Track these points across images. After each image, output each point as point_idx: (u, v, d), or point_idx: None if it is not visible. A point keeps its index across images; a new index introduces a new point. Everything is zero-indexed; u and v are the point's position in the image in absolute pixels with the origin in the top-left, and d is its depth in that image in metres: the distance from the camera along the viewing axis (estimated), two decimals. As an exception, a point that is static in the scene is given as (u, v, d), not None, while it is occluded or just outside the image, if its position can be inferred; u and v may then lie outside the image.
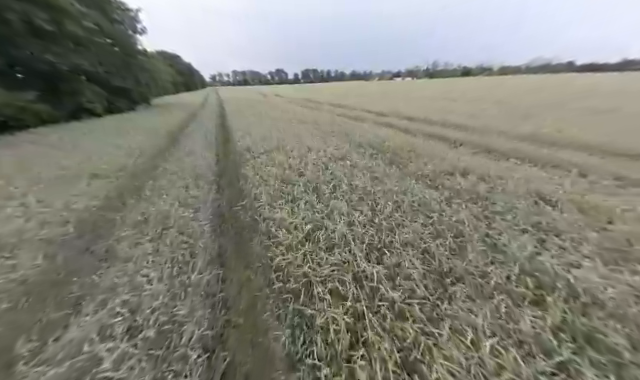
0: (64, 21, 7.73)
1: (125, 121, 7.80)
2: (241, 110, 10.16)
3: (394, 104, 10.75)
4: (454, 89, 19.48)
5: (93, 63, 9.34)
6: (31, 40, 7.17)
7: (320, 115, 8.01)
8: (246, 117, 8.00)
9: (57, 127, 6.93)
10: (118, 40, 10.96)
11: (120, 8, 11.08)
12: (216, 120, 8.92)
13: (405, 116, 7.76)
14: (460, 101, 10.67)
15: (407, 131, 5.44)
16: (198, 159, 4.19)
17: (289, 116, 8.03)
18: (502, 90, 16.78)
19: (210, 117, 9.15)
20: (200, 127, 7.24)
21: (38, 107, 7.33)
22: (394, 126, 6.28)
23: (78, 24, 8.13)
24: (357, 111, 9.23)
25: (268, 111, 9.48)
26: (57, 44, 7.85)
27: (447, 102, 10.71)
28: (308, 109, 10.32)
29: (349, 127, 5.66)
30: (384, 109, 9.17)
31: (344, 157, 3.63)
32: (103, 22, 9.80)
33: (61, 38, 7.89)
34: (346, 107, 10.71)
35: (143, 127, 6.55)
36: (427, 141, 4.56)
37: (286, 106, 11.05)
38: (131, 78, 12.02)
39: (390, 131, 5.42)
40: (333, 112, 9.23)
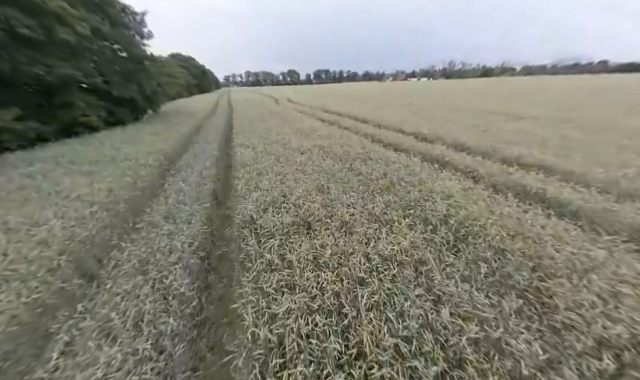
0: (55, 27, 6.79)
1: (109, 142, 6.70)
2: (251, 125, 8.89)
3: (445, 120, 8.64)
4: (515, 99, 16.63)
5: (90, 72, 8.41)
6: (14, 50, 6.24)
7: (344, 137, 6.53)
8: (255, 141, 6.68)
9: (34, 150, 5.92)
10: (121, 46, 10.07)
11: (124, 11, 10.17)
12: (220, 139, 7.70)
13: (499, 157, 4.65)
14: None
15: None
16: (177, 237, 2.71)
17: (308, 143, 6.62)
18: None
19: (214, 137, 7.94)
20: (198, 156, 5.98)
21: (21, 126, 6.41)
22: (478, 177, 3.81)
23: (72, 30, 7.17)
24: (394, 134, 7.09)
25: (281, 127, 8.13)
26: (46, 53, 6.92)
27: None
28: (327, 125, 8.87)
29: (407, 178, 3.52)
30: (435, 133, 6.39)
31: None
32: (104, 27, 8.87)
33: (51, 46, 6.96)
34: (375, 123, 9.06)
35: (125, 156, 5.36)
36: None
37: (302, 123, 9.64)
38: (135, 86, 11.12)
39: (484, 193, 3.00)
40: (359, 131, 7.72)
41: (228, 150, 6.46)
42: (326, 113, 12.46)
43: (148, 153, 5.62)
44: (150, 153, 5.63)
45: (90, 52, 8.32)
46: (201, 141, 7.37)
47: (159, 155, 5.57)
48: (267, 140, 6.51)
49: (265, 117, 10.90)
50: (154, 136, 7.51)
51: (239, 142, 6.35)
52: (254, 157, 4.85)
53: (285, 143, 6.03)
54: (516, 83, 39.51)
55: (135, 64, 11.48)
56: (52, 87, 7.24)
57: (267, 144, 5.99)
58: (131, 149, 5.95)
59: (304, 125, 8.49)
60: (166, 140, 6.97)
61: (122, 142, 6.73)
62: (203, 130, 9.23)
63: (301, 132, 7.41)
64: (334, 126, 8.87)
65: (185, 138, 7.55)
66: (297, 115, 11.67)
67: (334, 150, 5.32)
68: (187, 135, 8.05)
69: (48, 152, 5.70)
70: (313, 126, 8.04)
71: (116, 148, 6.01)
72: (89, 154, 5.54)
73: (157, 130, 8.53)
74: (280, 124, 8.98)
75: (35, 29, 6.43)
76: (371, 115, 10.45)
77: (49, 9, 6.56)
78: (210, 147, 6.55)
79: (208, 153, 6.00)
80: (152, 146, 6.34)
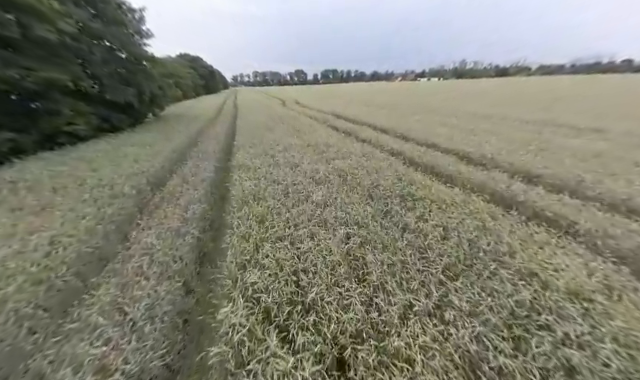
0: (32, 24, 5.87)
1: (91, 156, 5.73)
2: (255, 136, 7.76)
3: (487, 131, 7.15)
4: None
5: (78, 75, 7.51)
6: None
7: (367, 157, 5.31)
8: (258, 162, 5.53)
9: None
10: (116, 45, 9.19)
11: (119, 7, 9.26)
12: (219, 155, 6.59)
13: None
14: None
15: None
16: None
17: (323, 166, 5.42)
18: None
19: (212, 150, 6.80)
20: (187, 181, 4.86)
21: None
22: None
23: (53, 27, 6.25)
24: (429, 152, 5.70)
25: (289, 138, 6.96)
26: (22, 54, 6.02)
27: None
28: (343, 136, 7.61)
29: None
30: (481, 152, 4.98)
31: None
32: (95, 24, 7.97)
33: (28, 46, 6.06)
34: (400, 135, 7.69)
35: (98, 180, 4.33)
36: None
37: (314, 133, 8.46)
38: (132, 89, 10.24)
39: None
40: (383, 146, 6.45)
41: (226, 173, 5.33)
42: (339, 119, 11.19)
43: (128, 176, 4.57)
44: (131, 176, 4.58)
45: (78, 52, 7.41)
46: (197, 156, 6.29)
47: (141, 179, 4.51)
48: (273, 158, 5.36)
49: (271, 124, 9.77)
50: (144, 149, 6.50)
51: (240, 161, 5.22)
52: (255, 190, 3.69)
53: (295, 164, 4.85)
54: (544, 83, 37.00)
55: (133, 65, 10.63)
56: (31, 93, 6.35)
57: (273, 165, 4.84)
58: (110, 169, 4.92)
59: (316, 136, 7.28)
60: (155, 155, 5.93)
61: (105, 157, 5.74)
62: (202, 140, 8.17)
63: (314, 147, 6.22)
64: (351, 138, 7.62)
65: (179, 152, 6.50)
66: (306, 121, 10.48)
67: (359, 178, 4.10)
68: (182, 148, 7.01)
69: (10, 172, 4.75)
70: (327, 139, 6.82)
71: (93, 168, 5.00)
72: (58, 177, 4.55)
73: (150, 140, 7.53)
74: (288, 134, 7.81)
75: (7, 25, 5.53)
76: (392, 123, 9.12)
77: (23, 2, 5.65)
78: (205, 166, 5.44)
79: (201, 176, 4.89)
80: (137, 164, 5.30)
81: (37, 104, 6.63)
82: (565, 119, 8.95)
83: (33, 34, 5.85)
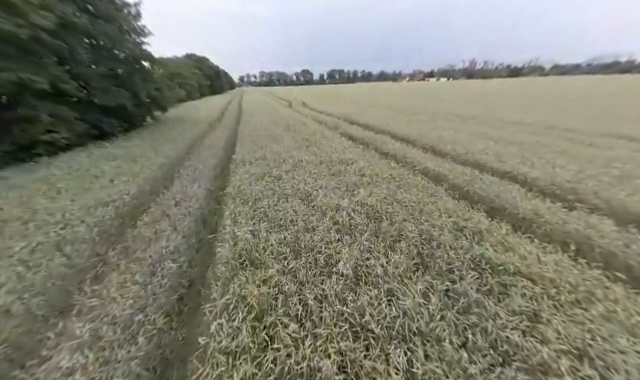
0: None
1: (60, 175, 4.77)
2: (258, 148, 6.66)
3: (542, 147, 5.85)
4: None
5: (59, 77, 6.60)
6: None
7: (400, 181, 4.12)
8: (259, 188, 4.43)
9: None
10: (109, 44, 8.28)
11: (112, 1, 8.34)
12: (214, 172, 5.49)
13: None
14: None
15: None
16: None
17: (345, 197, 4.28)
18: None
19: (206, 166, 5.68)
20: (166, 216, 3.80)
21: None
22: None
23: (25, 21, 5.32)
24: (480, 175, 4.58)
25: (299, 152, 5.82)
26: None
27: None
28: (362, 149, 6.38)
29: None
30: (551, 179, 3.76)
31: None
32: (81, 20, 7.05)
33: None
34: (430, 148, 6.38)
35: (50, 216, 3.32)
36: None
37: (327, 144, 7.34)
38: (127, 92, 9.35)
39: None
40: (414, 164, 5.21)
41: (218, 203, 4.21)
42: (353, 126, 9.95)
43: (93, 206, 3.54)
44: (97, 206, 3.55)
45: (58, 50, 6.49)
46: (187, 175, 5.23)
47: (108, 211, 3.47)
48: (279, 182, 4.24)
49: (277, 131, 8.67)
50: (127, 163, 5.50)
51: (237, 185, 4.11)
52: (251, 244, 2.56)
53: (308, 194, 3.71)
54: (567, 84, 34.68)
55: (129, 65, 9.74)
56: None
57: (278, 195, 3.71)
58: (75, 195, 3.91)
59: (330, 149, 6.12)
60: (138, 173, 4.89)
61: (76, 176, 4.75)
62: (198, 151, 7.12)
63: (329, 164, 5.05)
64: (371, 150, 6.39)
65: (166, 169, 5.47)
66: (316, 128, 9.32)
67: (397, 222, 2.92)
68: (173, 161, 5.97)
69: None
70: (344, 153, 5.63)
71: (54, 194, 3.99)
72: (4, 206, 3.56)
73: (138, 151, 6.55)
74: (297, 145, 6.67)
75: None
76: (417, 132, 7.84)
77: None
78: (195, 191, 4.36)
79: (186, 207, 3.81)
80: (111, 187, 4.28)
81: (7, 112, 5.73)
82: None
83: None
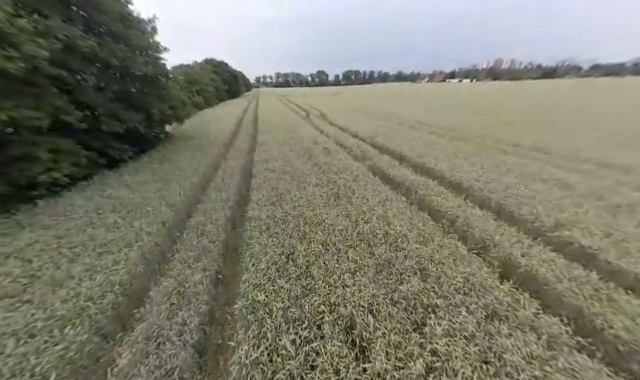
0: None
1: (31, 246, 3.95)
2: (275, 192, 5.54)
3: None
4: None
5: (61, 108, 5.92)
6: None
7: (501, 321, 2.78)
8: (279, 301, 3.27)
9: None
10: (120, 66, 7.58)
11: (124, 19, 7.64)
12: (222, 244, 4.33)
13: None
14: None
15: None
16: None
17: (404, 314, 3.01)
18: None
19: (215, 233, 4.46)
20: (156, 348, 2.76)
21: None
22: None
23: (18, 53, 4.59)
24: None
25: (325, 203, 4.59)
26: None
27: None
28: (412, 208, 4.87)
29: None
30: None
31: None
32: (87, 42, 6.34)
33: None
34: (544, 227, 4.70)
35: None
36: None
37: (355, 184, 6.08)
38: (138, 114, 8.70)
39: None
40: (509, 260, 3.68)
41: (223, 338, 3.04)
42: (384, 156, 8.35)
43: (58, 323, 2.58)
44: (64, 325, 2.59)
45: (60, 79, 5.81)
46: (190, 246, 4.15)
47: (77, 334, 2.49)
48: (306, 282, 3.05)
49: (298, 166, 7.47)
50: (124, 220, 4.60)
51: (251, 287, 3.00)
52: None
53: (350, 327, 2.48)
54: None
55: (142, 83, 9.11)
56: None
57: (308, 323, 2.51)
58: (41, 294, 2.99)
59: (366, 205, 4.83)
60: (131, 245, 3.93)
61: (56, 247, 3.88)
62: (207, 196, 5.96)
63: (370, 240, 3.76)
64: (419, 208, 4.99)
65: (167, 229, 4.46)
66: (343, 159, 8.02)
67: None
68: (175, 217, 4.97)
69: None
70: (385, 217, 4.28)
71: (14, 296, 3.10)
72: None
73: (140, 194, 5.68)
74: (324, 195, 5.42)
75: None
76: (475, 178, 6.23)
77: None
78: (194, 292, 3.29)
79: (178, 333, 2.73)
80: (94, 270, 3.35)
81: (4, 153, 5.08)
82: None
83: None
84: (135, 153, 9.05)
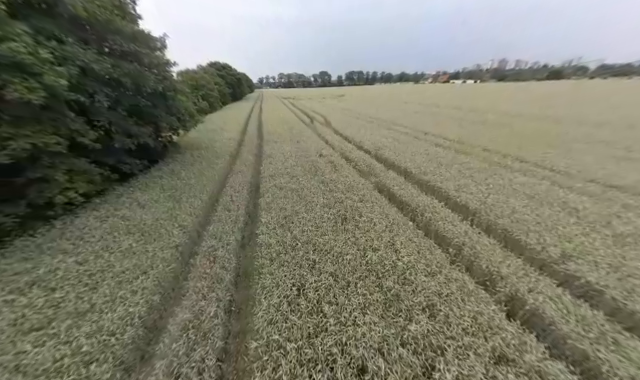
0: (7, 85, 4.42)
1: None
2: (284, 204, 5.64)
3: None
4: None
5: (78, 130, 6.12)
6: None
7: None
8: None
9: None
10: (131, 85, 7.76)
11: (135, 39, 7.82)
12: (237, 266, 4.47)
13: None
14: None
15: None
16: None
17: None
18: None
19: (229, 263, 4.61)
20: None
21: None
22: None
23: (39, 84, 4.78)
24: None
25: (332, 231, 4.67)
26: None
27: None
28: (415, 229, 4.89)
29: None
30: None
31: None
32: (102, 64, 6.53)
33: (4, 109, 4.63)
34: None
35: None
36: None
37: (363, 204, 6.11)
38: (148, 128, 8.91)
39: None
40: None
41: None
42: (390, 172, 8.37)
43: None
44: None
45: (76, 105, 6.01)
46: (196, 291, 4.23)
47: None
48: (323, 321, 3.15)
49: (305, 183, 7.57)
50: (134, 252, 4.75)
51: (265, 334, 3.10)
52: None
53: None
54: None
55: (152, 99, 9.31)
56: (12, 166, 4.98)
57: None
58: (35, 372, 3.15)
59: (373, 230, 4.87)
60: (142, 292, 4.09)
61: (63, 283, 4.04)
62: (215, 219, 6.08)
63: (381, 279, 3.80)
64: (426, 233, 5.06)
65: (176, 263, 4.62)
66: (349, 175, 8.10)
67: None
68: (185, 248, 5.13)
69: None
70: (392, 246, 4.31)
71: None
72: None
73: (153, 215, 5.86)
74: (330, 218, 5.48)
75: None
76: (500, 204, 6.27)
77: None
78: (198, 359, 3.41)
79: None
80: (103, 319, 3.50)
81: (19, 172, 5.28)
82: None
83: (6, 99, 4.42)
84: (144, 166, 9.29)
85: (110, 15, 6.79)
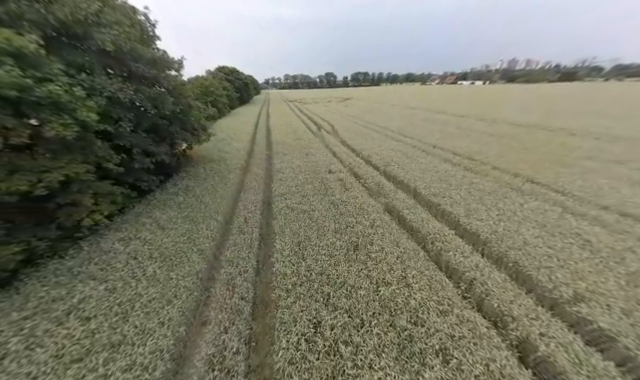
0: (44, 124, 4.77)
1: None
2: (297, 229, 5.83)
3: None
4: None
5: (104, 156, 6.48)
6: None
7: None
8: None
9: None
10: (151, 108, 8.12)
11: (155, 64, 8.17)
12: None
13: None
14: None
15: None
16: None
17: None
18: None
19: (244, 308, 4.91)
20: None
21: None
22: None
23: (72, 119, 5.12)
24: None
25: (347, 269, 4.81)
26: (32, 156, 4.98)
27: None
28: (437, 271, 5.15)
29: None
30: None
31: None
32: (124, 94, 6.89)
33: (41, 144, 4.99)
34: None
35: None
36: None
37: (377, 237, 6.15)
38: (165, 146, 9.28)
39: None
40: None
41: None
42: (399, 193, 8.46)
43: None
44: None
45: (106, 132, 6.36)
46: (217, 323, 4.45)
47: None
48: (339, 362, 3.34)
49: (315, 204, 7.75)
50: (145, 292, 5.03)
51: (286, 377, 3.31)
52: None
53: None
54: None
55: (169, 119, 9.67)
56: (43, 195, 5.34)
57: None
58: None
59: (390, 272, 5.00)
60: (155, 357, 4.37)
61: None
62: (230, 243, 6.40)
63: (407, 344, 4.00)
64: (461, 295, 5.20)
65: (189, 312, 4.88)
66: (358, 196, 8.24)
67: None
68: (203, 274, 5.40)
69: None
70: (415, 287, 4.41)
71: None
72: None
73: (170, 238, 6.16)
74: (342, 249, 5.62)
75: (19, 132, 4.47)
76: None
77: (42, 95, 4.53)
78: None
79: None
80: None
81: (50, 199, 5.66)
82: None
83: (44, 136, 4.77)
84: (160, 181, 9.66)
85: (133, 44, 7.14)
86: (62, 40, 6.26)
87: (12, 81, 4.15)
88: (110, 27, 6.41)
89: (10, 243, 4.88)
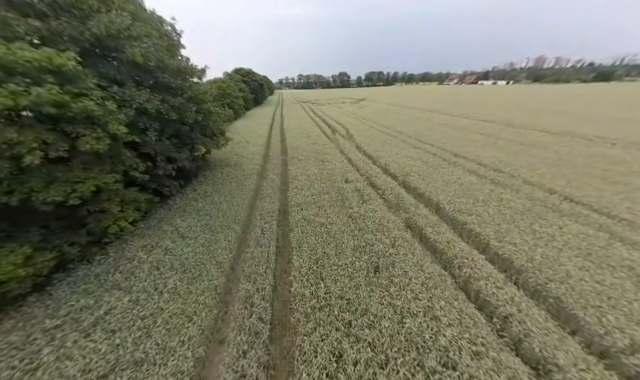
0: (80, 138, 4.95)
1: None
2: (315, 245, 5.68)
3: None
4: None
5: (131, 165, 6.70)
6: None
7: None
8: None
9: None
10: (175, 117, 8.33)
11: (179, 72, 8.36)
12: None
13: None
14: None
15: None
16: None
17: None
18: None
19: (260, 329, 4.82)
20: None
21: (29, 268, 4.79)
22: None
23: (104, 132, 5.30)
24: None
25: (367, 296, 4.58)
26: (67, 168, 5.22)
27: None
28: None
29: None
30: None
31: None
32: (152, 105, 7.08)
33: (75, 156, 5.22)
34: None
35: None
36: None
37: (399, 259, 5.83)
38: (186, 152, 9.51)
39: None
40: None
41: None
42: (419, 208, 7.95)
43: None
44: None
45: (130, 145, 6.58)
46: (236, 346, 4.26)
47: None
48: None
49: (333, 217, 7.51)
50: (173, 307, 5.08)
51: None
52: None
53: None
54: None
55: (191, 126, 9.90)
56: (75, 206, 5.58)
57: None
58: None
59: (416, 303, 4.74)
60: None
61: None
62: (246, 255, 6.45)
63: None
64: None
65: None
66: (376, 210, 7.88)
67: None
68: (221, 289, 5.38)
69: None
70: (444, 321, 4.09)
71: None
72: None
73: (191, 247, 6.24)
74: (362, 272, 5.40)
75: (57, 147, 4.68)
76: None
77: (78, 111, 4.71)
78: None
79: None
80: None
81: (84, 207, 5.91)
82: None
83: (79, 149, 4.96)
84: (180, 186, 9.92)
85: (161, 55, 7.34)
86: (96, 52, 6.55)
87: (52, 99, 4.34)
88: (140, 40, 6.61)
89: (45, 249, 5.16)
